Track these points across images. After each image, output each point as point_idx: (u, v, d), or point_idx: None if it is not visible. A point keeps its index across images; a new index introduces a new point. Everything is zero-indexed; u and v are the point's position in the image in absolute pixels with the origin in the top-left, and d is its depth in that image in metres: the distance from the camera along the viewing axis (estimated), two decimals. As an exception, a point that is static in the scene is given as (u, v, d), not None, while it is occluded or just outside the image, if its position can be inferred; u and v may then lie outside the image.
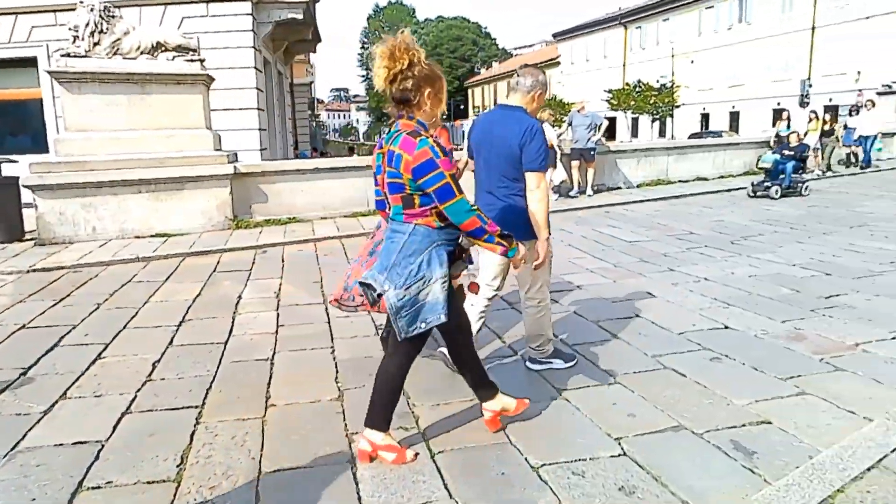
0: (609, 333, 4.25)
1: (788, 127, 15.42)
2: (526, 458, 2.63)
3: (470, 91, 72.72)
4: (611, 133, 41.23)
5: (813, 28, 30.93)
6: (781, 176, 11.55)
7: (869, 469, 2.44)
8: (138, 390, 3.44)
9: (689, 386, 3.36)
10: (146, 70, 8.21)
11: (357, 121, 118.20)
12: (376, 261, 2.64)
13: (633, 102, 37.16)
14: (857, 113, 16.74)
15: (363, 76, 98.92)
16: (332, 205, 9.74)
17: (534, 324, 3.57)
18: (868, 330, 4.18)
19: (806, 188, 11.82)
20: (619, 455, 2.66)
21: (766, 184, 11.57)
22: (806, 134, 15.21)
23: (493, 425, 2.88)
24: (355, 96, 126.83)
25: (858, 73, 28.04)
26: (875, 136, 16.51)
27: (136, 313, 4.95)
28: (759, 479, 2.45)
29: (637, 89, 37.08)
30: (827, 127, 15.53)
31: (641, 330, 4.32)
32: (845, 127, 16.84)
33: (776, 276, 5.65)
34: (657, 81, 37.07)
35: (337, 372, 3.66)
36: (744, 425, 2.89)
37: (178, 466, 2.63)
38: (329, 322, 4.64)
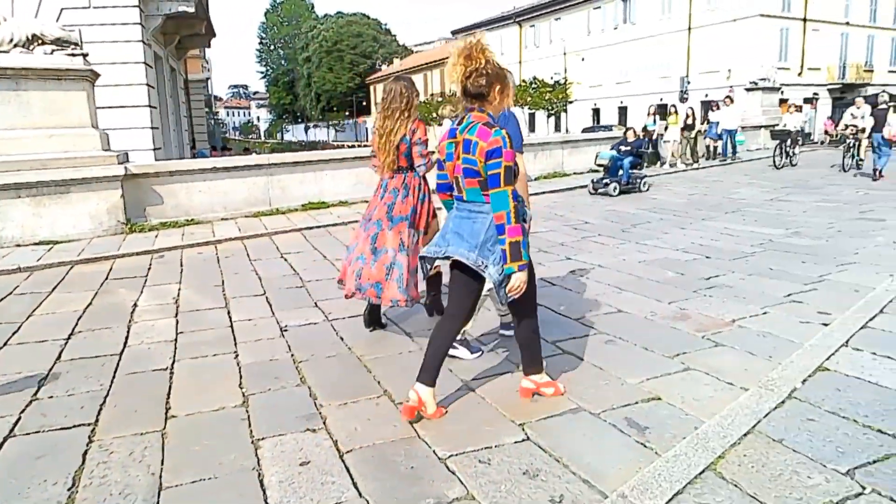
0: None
1: (655, 122, 16.35)
2: (434, 451, 2.68)
3: (372, 87, 72.17)
4: (511, 127, 42.13)
5: (689, 29, 33.17)
6: (620, 172, 11.35)
7: (745, 434, 2.66)
8: (23, 411, 3.20)
9: (587, 369, 3.54)
10: (21, 65, 7.58)
11: (258, 118, 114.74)
12: (450, 238, 2.91)
13: (529, 98, 38.26)
14: (718, 108, 17.88)
15: (262, 73, 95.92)
16: (233, 205, 9.44)
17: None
18: (742, 307, 4.57)
19: (645, 184, 11.75)
20: (524, 440, 2.76)
21: (605, 181, 11.28)
22: (666, 128, 16.22)
23: (525, 393, 3.19)
24: (255, 93, 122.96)
25: (729, 71, 30.35)
26: (735, 130, 17.78)
27: (19, 328, 4.59)
28: (651, 452, 2.61)
29: (533, 86, 38.23)
30: (689, 121, 16.37)
31: (541, 318, 4.44)
32: (707, 122, 18.00)
33: (663, 261, 6.04)
34: (551, 78, 38.43)
35: (241, 377, 3.57)
36: (636, 403, 3.08)
37: (69, 490, 2.49)
38: (231, 326, 4.51)
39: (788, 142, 16.41)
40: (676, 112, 16.16)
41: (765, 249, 6.48)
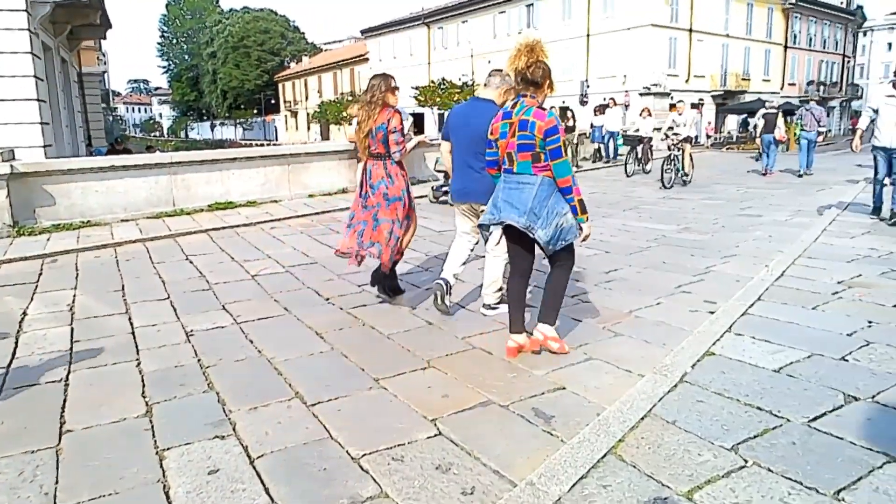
0: (422, 320, 4.46)
1: None
2: (347, 451, 2.68)
3: (280, 85, 70.38)
4: (419, 128, 42.40)
5: (588, 35, 34.61)
6: None
7: (643, 418, 2.84)
8: None
9: (496, 363, 3.65)
10: None
11: (160, 115, 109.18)
12: (501, 206, 3.47)
13: (438, 99, 38.62)
14: (603, 113, 18.14)
15: (164, 67, 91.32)
16: (135, 205, 8.99)
17: (494, 273, 4.46)
18: (639, 298, 4.85)
19: None
20: (436, 435, 2.81)
21: (444, 188, 10.08)
22: None
23: (534, 344, 3.71)
24: (157, 89, 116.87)
25: (625, 76, 31.96)
26: (618, 133, 18.25)
27: None
28: (557, 440, 2.74)
29: (442, 86, 38.65)
30: (570, 123, 16.52)
31: (454, 314, 4.59)
32: (591, 125, 18.53)
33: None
34: (459, 79, 39.00)
35: (143, 386, 3.42)
36: (543, 393, 3.21)
37: (-50, 516, 2.31)
38: (133, 332, 4.30)
39: (640, 147, 15.63)
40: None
41: (658, 244, 6.89)
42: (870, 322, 4.07)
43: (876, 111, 7.47)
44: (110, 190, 8.77)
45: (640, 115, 16.75)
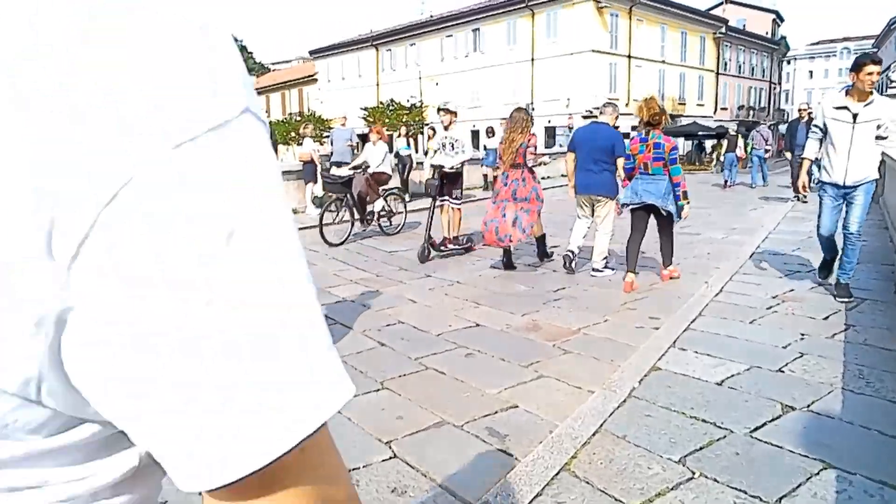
0: (374, 341, 4.42)
1: (408, 145, 15.60)
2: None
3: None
4: (367, 148, 42.32)
5: (532, 60, 35.51)
6: None
7: (594, 434, 2.89)
8: None
9: (449, 382, 3.65)
10: None
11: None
12: (641, 194, 5.66)
13: (387, 120, 38.82)
14: (493, 135, 17.17)
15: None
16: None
17: (602, 245, 6.27)
18: (586, 316, 4.94)
19: None
20: (391, 458, 2.78)
21: None
22: (426, 152, 16.45)
23: (664, 278, 6.10)
24: None
25: (568, 99, 32.88)
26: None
27: None
28: (512, 459, 2.74)
29: (390, 108, 38.86)
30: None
31: (404, 335, 4.57)
32: (485, 148, 18.22)
33: (514, 275, 6.38)
34: (408, 101, 39.33)
35: None
36: (496, 412, 3.22)
37: None
38: None
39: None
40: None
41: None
42: (802, 335, 4.27)
43: (824, 132, 5.18)
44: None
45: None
